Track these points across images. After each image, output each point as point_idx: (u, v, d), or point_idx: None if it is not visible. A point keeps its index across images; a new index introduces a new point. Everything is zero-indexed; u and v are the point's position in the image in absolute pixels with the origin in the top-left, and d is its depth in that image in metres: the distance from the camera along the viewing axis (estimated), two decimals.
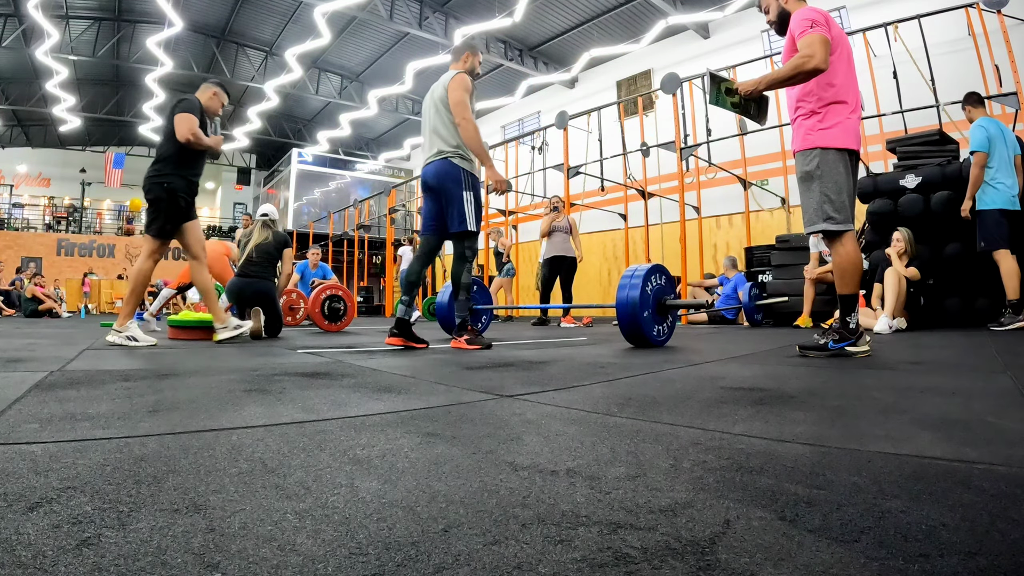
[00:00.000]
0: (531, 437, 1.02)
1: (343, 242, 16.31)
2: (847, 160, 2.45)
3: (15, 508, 0.63)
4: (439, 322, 4.38)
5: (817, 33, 2.29)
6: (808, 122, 2.47)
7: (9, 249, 16.85)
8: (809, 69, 2.29)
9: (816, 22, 2.34)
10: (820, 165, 2.42)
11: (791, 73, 2.34)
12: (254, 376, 1.86)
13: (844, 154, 2.44)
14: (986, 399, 1.38)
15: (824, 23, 2.35)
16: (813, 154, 2.45)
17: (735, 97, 2.56)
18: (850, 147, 2.44)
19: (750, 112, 2.62)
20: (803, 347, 2.56)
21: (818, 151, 2.43)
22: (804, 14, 2.41)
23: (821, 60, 2.26)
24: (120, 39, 14.51)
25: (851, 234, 2.47)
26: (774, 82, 2.42)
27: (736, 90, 2.54)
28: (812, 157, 2.45)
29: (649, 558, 0.52)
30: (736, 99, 2.56)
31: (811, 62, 2.27)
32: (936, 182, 5.16)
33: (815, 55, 2.26)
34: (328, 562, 0.51)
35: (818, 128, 2.43)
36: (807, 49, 2.29)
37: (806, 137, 2.47)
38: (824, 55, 2.27)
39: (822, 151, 2.42)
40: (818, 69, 2.28)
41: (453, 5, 12.98)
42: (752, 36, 11.17)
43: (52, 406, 1.27)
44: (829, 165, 2.41)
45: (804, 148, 2.48)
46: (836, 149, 2.42)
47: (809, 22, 2.34)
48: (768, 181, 9.77)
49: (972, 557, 0.52)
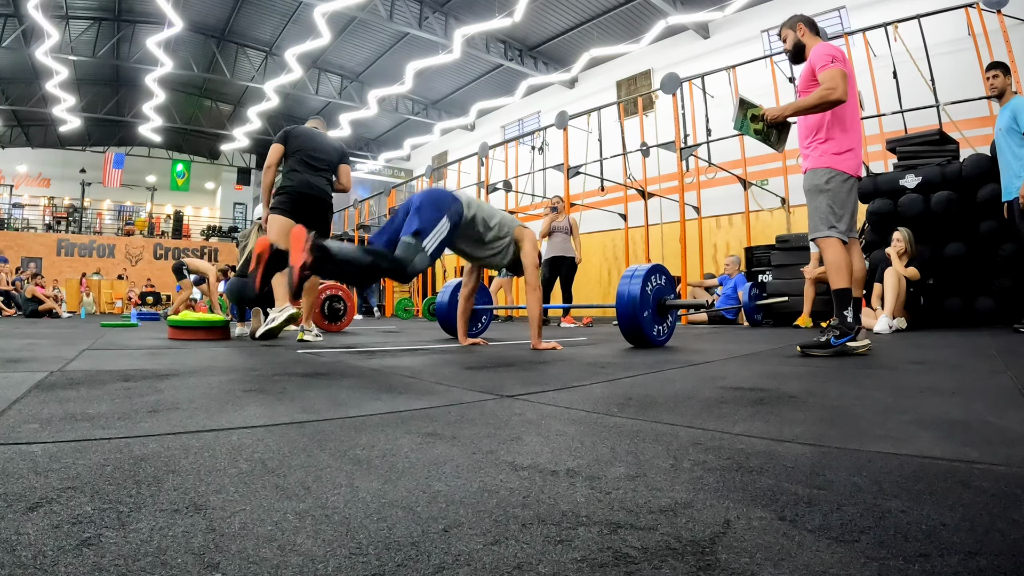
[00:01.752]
0: (531, 437, 1.02)
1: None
2: (854, 184, 2.71)
3: (15, 508, 0.63)
4: (439, 322, 4.38)
5: (838, 68, 2.54)
6: (824, 146, 2.69)
7: (9, 249, 16.83)
8: (833, 100, 2.53)
9: (836, 58, 2.58)
10: (830, 182, 2.66)
11: (816, 103, 2.57)
12: (254, 376, 1.86)
13: (852, 180, 2.69)
14: (986, 399, 1.38)
15: (843, 59, 2.60)
16: (826, 172, 2.67)
17: (759, 124, 2.78)
18: (857, 175, 2.72)
19: (771, 140, 2.83)
20: (804, 346, 2.59)
21: (832, 171, 2.67)
22: (825, 49, 2.64)
23: (843, 92, 2.51)
24: (120, 39, 14.50)
25: (842, 240, 2.66)
26: (800, 110, 2.65)
27: (762, 116, 2.77)
28: (824, 174, 2.68)
29: (649, 558, 0.52)
30: (760, 126, 2.78)
31: (834, 94, 2.51)
32: (936, 182, 5.16)
33: (837, 88, 2.51)
34: (328, 562, 0.51)
35: (832, 152, 2.67)
36: (830, 82, 2.52)
37: (821, 158, 2.70)
38: (845, 88, 2.52)
39: (836, 172, 2.66)
40: (840, 100, 2.53)
41: (453, 5, 12.98)
42: (752, 36, 11.16)
43: (52, 406, 1.27)
44: (839, 184, 2.66)
45: (820, 167, 2.69)
46: (846, 174, 2.67)
47: (830, 57, 2.58)
48: (768, 181, 9.77)
49: (972, 557, 0.52)
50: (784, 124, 2.83)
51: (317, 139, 3.94)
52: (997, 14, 5.97)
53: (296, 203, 3.75)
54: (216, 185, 25.37)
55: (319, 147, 3.92)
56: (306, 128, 3.98)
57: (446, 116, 18.56)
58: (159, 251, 20.23)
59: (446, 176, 17.07)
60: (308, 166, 3.82)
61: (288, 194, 3.77)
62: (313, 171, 3.85)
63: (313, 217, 3.77)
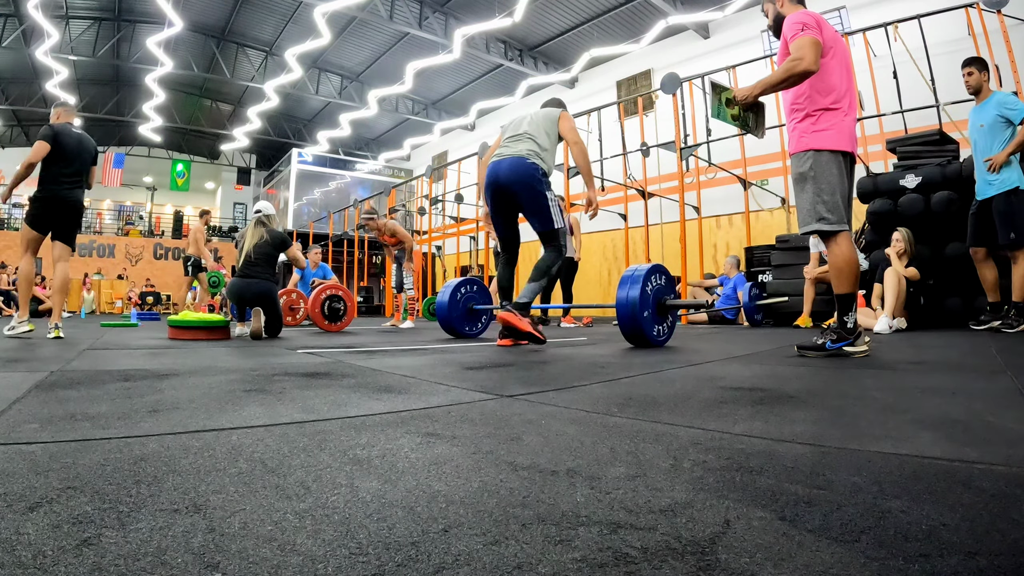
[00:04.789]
0: (531, 437, 1.02)
1: (343, 242, 16.31)
2: (841, 162, 2.46)
3: (15, 508, 0.63)
4: (439, 322, 4.38)
5: (808, 36, 2.32)
6: (802, 125, 2.49)
7: (9, 249, 16.82)
8: (800, 72, 2.32)
9: (807, 25, 2.35)
10: (813, 167, 2.43)
11: (783, 76, 2.37)
12: (254, 376, 1.86)
13: (838, 156, 2.45)
14: (986, 399, 1.38)
15: (815, 26, 2.37)
16: (807, 156, 2.46)
17: (735, 109, 2.61)
18: (844, 149, 2.45)
19: (749, 125, 2.68)
20: (801, 347, 2.57)
21: (812, 153, 2.45)
22: (796, 18, 2.42)
23: (811, 62, 2.29)
24: (120, 39, 14.51)
25: (846, 234, 2.46)
26: (768, 86, 2.46)
27: (734, 99, 2.59)
28: (806, 159, 2.47)
29: (649, 558, 0.52)
30: (736, 111, 2.61)
31: (801, 64, 2.30)
32: (936, 182, 5.16)
33: (804, 57, 2.29)
34: (328, 562, 0.51)
35: (812, 130, 2.45)
36: (797, 52, 2.32)
37: (800, 139, 2.49)
38: (814, 57, 2.29)
39: (816, 153, 2.44)
40: (808, 71, 2.31)
41: (453, 5, 12.98)
42: (752, 36, 11.16)
43: (52, 406, 1.27)
44: (822, 167, 2.43)
45: (798, 150, 2.51)
46: (830, 151, 2.43)
47: (800, 25, 2.36)
48: (768, 181, 9.77)
49: (972, 557, 0.52)
50: (758, 105, 2.64)
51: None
52: (997, 14, 5.97)
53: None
54: (216, 185, 25.38)
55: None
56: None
57: (446, 116, 18.57)
58: (159, 251, 20.23)
59: (446, 176, 17.06)
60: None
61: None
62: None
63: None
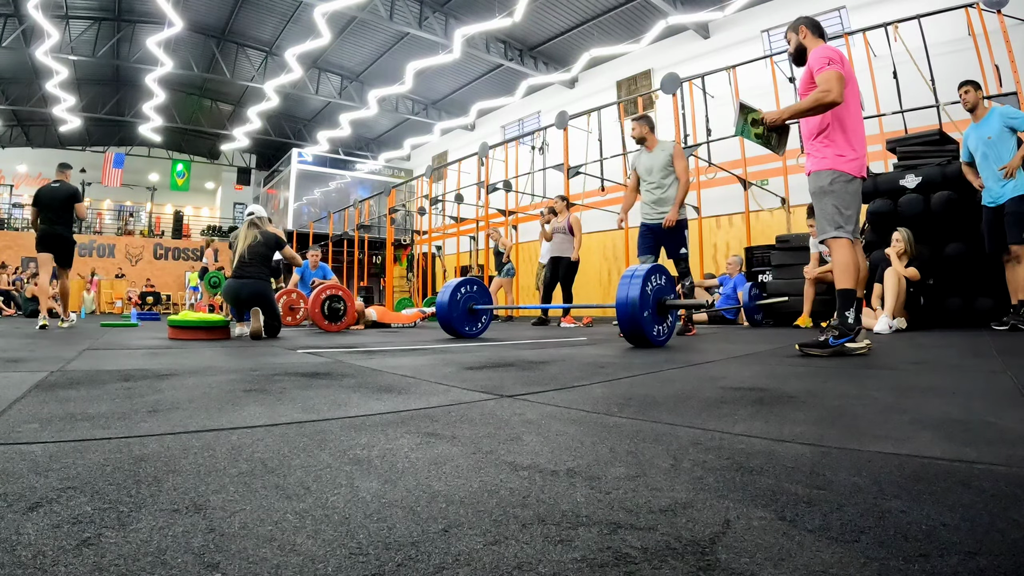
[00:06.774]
0: (531, 437, 1.02)
1: (343, 242, 16.31)
2: (857, 186, 2.73)
3: (15, 508, 0.63)
4: (439, 322, 4.38)
5: (834, 71, 2.54)
6: (827, 149, 2.72)
7: (9, 249, 16.83)
8: (827, 102, 2.55)
9: (833, 60, 2.58)
10: (834, 183, 2.68)
11: (811, 105, 2.59)
12: (254, 376, 1.86)
13: (856, 181, 2.71)
14: (986, 399, 1.38)
15: (840, 60, 2.60)
16: (831, 175, 2.69)
17: (759, 128, 2.80)
18: (861, 175, 2.74)
19: (771, 143, 2.86)
20: (803, 345, 2.60)
21: (836, 172, 2.69)
22: (822, 52, 2.65)
23: (837, 95, 2.52)
24: (120, 39, 14.50)
25: (857, 242, 2.70)
26: (796, 113, 2.68)
27: (761, 120, 2.79)
28: (829, 177, 2.69)
29: (649, 558, 0.52)
30: (760, 130, 2.80)
31: (828, 96, 2.53)
32: (936, 182, 5.16)
33: (832, 90, 2.52)
34: (328, 562, 0.51)
35: (836, 155, 2.70)
36: (825, 84, 2.54)
37: (824, 160, 2.72)
38: (840, 90, 2.53)
39: (839, 173, 2.68)
40: (835, 103, 2.55)
41: (453, 5, 12.97)
42: (752, 36, 11.16)
43: (52, 406, 1.27)
44: (842, 185, 2.68)
45: (822, 169, 2.72)
46: (850, 175, 2.69)
47: (827, 60, 2.59)
48: (768, 181, 9.77)
49: (972, 557, 0.52)
50: (783, 127, 2.85)
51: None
52: (997, 14, 5.97)
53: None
54: (216, 185, 25.36)
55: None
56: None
57: (446, 116, 18.56)
58: (159, 251, 20.22)
59: (446, 176, 17.07)
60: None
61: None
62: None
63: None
